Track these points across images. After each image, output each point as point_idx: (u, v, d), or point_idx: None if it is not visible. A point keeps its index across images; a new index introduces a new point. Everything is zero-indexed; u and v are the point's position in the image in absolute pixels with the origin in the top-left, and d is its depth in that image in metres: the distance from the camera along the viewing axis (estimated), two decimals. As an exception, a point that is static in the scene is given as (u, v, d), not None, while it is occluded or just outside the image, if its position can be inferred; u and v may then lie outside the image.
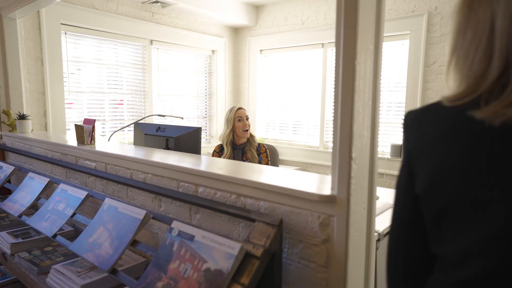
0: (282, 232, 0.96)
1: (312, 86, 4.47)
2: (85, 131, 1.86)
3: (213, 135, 5.01)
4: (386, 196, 2.55)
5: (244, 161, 2.57)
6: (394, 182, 3.72)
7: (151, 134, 2.13)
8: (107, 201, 1.30)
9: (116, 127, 3.93)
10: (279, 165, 2.97)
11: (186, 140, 1.93)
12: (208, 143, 4.98)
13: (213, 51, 4.86)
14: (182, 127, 2.00)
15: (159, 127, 2.10)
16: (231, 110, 2.61)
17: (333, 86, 0.90)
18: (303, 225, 0.95)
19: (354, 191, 0.88)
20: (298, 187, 0.95)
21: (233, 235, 1.14)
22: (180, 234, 1.00)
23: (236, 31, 5.07)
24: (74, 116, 3.60)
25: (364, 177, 0.92)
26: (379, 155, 4.00)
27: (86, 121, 1.92)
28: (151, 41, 4.13)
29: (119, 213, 1.21)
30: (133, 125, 2.39)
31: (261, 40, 4.82)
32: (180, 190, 1.30)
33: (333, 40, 3.54)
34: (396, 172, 0.64)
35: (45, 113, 3.20)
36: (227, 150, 2.55)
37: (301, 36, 4.42)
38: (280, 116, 4.85)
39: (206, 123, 4.98)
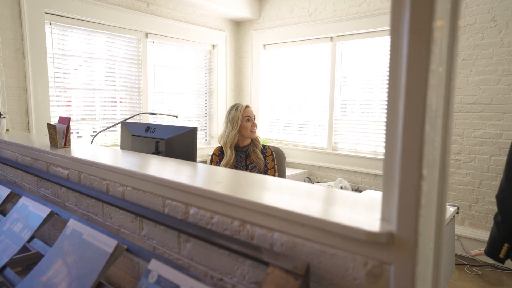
0: (309, 283, 0.65)
1: (320, 83, 4.16)
2: (58, 132, 1.56)
3: (213, 135, 4.71)
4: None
5: (249, 165, 2.26)
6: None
7: (139, 136, 1.82)
8: (71, 223, 0.99)
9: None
10: (286, 168, 2.67)
11: (179, 142, 1.63)
12: (208, 144, 4.68)
13: (213, 45, 4.55)
14: (175, 127, 1.70)
15: (148, 127, 1.80)
16: (236, 108, 2.28)
17: (388, 73, 0.59)
18: (340, 273, 0.65)
19: (423, 225, 0.57)
20: (332, 217, 0.65)
21: (236, 275, 0.83)
22: (160, 281, 0.70)
23: (238, 25, 4.76)
24: (61, 115, 3.29)
25: (433, 203, 0.61)
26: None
27: (61, 119, 1.62)
28: (146, 34, 3.82)
29: (84, 242, 0.91)
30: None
31: (264, 34, 4.51)
32: (166, 211, 0.99)
33: (343, 33, 3.22)
34: None
35: (27, 111, 2.90)
36: (231, 154, 2.23)
37: (308, 29, 4.11)
38: (285, 115, 4.55)
39: (206, 123, 4.68)
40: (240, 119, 2.24)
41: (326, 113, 4.13)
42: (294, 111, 4.45)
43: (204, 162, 4.48)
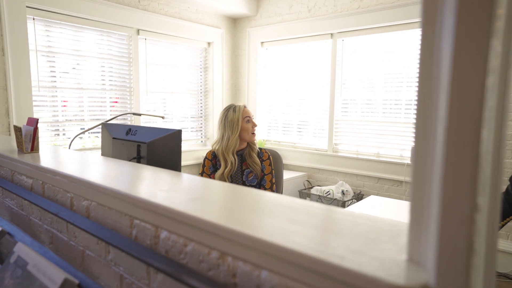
0: None
1: (320, 82, 3.98)
2: (25, 135, 1.38)
3: (209, 136, 4.53)
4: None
5: (244, 170, 2.07)
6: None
7: (120, 139, 1.64)
8: (18, 249, 0.81)
9: (99, 128, 3.45)
10: (283, 172, 2.48)
11: (162, 147, 1.45)
12: (203, 146, 4.50)
13: (209, 43, 4.38)
14: (159, 129, 1.52)
15: (129, 129, 1.62)
16: (233, 109, 2.07)
17: (419, 67, 0.42)
18: (350, 336, 0.47)
19: (475, 277, 0.39)
20: (337, 258, 0.47)
21: (215, 319, 0.65)
22: None
23: (234, 22, 4.58)
24: (46, 116, 3.12)
25: (482, 241, 0.43)
26: (397, 160, 3.51)
27: (29, 121, 1.44)
28: (138, 30, 3.65)
29: (27, 275, 0.73)
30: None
31: (262, 31, 4.34)
32: (134, 232, 0.81)
33: (344, 29, 3.03)
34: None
35: (7, 112, 2.72)
36: (233, 160, 2.02)
37: (307, 26, 3.93)
38: (284, 115, 4.37)
39: (201, 123, 4.50)
40: (240, 120, 2.05)
41: (327, 113, 3.95)
42: (293, 111, 4.27)
43: (199, 165, 4.30)
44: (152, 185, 0.88)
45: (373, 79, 3.60)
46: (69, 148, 2.13)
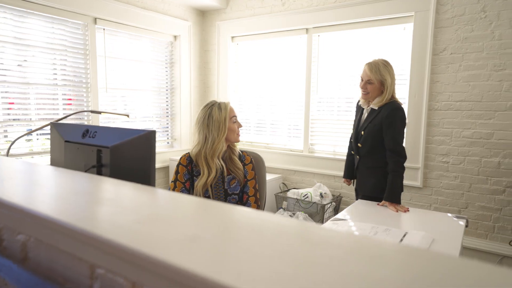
0: None
1: (294, 79, 3.80)
2: None
3: (176, 137, 4.19)
4: (407, 218, 1.93)
5: (226, 177, 1.80)
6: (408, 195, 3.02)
7: (75, 142, 1.32)
8: None
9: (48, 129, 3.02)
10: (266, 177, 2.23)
11: (130, 152, 1.15)
12: (170, 147, 4.16)
13: (175, 36, 4.05)
14: (125, 130, 1.22)
15: (86, 130, 1.30)
16: (218, 107, 1.76)
17: None
18: None
19: None
20: None
21: None
22: None
23: (203, 14, 4.28)
24: (-17, 115, 2.65)
25: None
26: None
27: None
28: (95, 19, 3.25)
29: None
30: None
31: (233, 25, 4.08)
32: (96, 287, 0.54)
33: (319, 24, 2.73)
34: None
35: None
36: (220, 165, 1.75)
37: (281, 20, 3.73)
38: (256, 114, 4.14)
39: (167, 123, 4.16)
40: (228, 120, 1.77)
41: (302, 112, 3.77)
42: (266, 110, 4.06)
43: (166, 168, 3.96)
44: (123, 212, 0.61)
45: (351, 77, 3.47)
46: (7, 154, 1.75)
